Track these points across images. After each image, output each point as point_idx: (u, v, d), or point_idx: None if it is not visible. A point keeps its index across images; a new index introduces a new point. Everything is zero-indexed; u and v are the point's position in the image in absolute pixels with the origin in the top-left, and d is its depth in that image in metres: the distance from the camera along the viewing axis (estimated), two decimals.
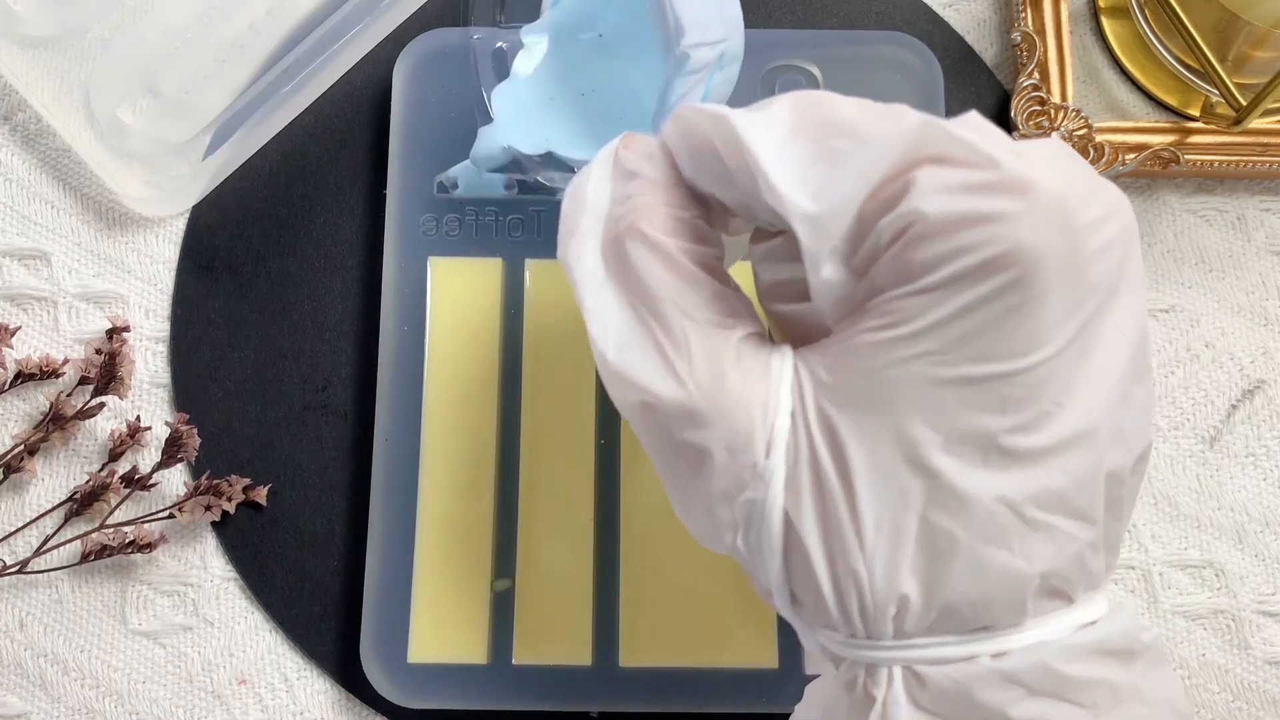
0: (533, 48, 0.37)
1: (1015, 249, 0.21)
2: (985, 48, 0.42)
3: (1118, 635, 0.23)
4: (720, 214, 0.26)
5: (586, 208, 0.26)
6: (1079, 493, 0.23)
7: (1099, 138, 0.40)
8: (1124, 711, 0.23)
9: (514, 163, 0.37)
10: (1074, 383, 0.22)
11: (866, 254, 0.22)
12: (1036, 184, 0.21)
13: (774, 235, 0.26)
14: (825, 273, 0.23)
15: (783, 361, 0.24)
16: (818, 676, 0.27)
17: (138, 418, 0.39)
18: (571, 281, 0.25)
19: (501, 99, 0.37)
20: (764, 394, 0.23)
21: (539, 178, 0.37)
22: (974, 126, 0.22)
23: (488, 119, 0.37)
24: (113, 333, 0.39)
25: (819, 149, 0.23)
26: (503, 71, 0.38)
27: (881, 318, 0.22)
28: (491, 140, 0.36)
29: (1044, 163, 0.22)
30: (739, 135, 0.23)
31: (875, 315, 0.22)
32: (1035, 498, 0.22)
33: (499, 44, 0.38)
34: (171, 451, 0.38)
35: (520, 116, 0.36)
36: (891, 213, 0.22)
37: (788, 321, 0.26)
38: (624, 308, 0.24)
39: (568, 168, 0.37)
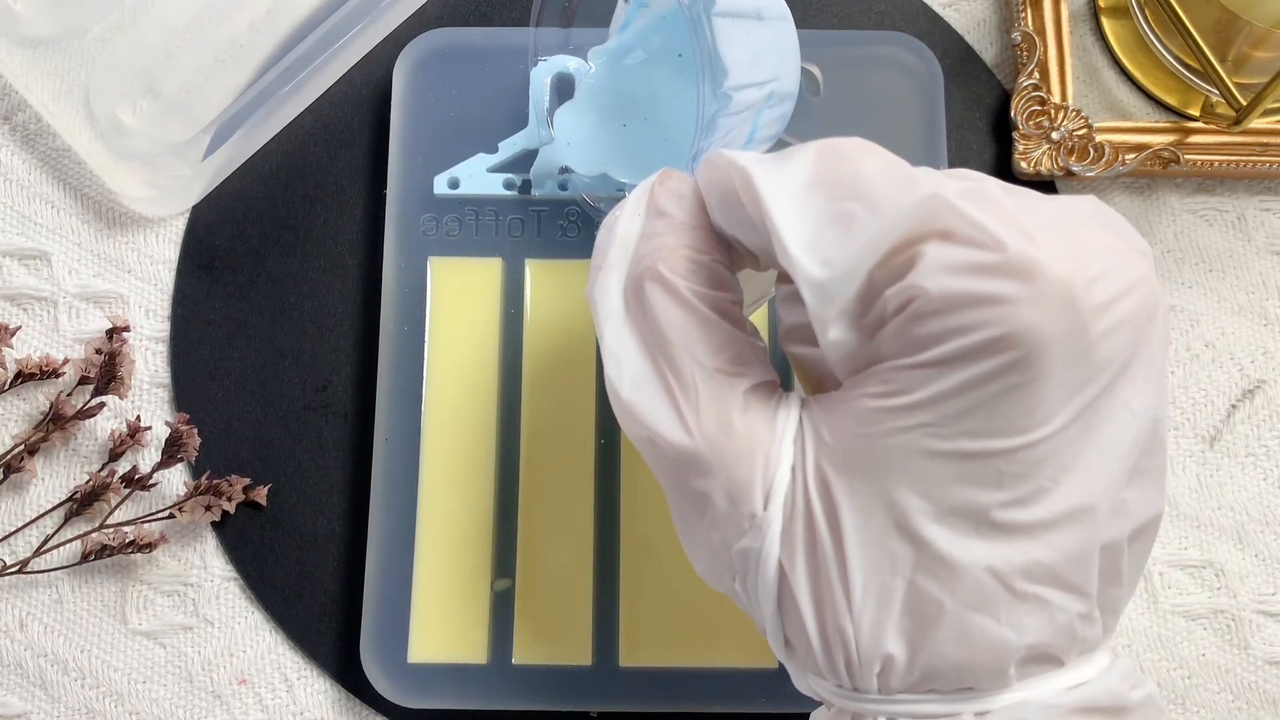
0: (598, 70, 0.37)
1: (1016, 332, 0.21)
2: (985, 48, 0.42)
3: (1104, 694, 0.24)
4: (748, 256, 0.26)
5: (616, 242, 0.26)
6: (1071, 566, 0.23)
7: (1099, 138, 0.40)
8: None
9: (569, 182, 0.38)
10: (1075, 459, 0.22)
11: (875, 318, 0.22)
12: (1041, 268, 0.21)
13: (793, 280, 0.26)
14: (831, 334, 0.23)
15: (788, 414, 0.24)
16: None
17: (138, 418, 0.39)
18: (593, 314, 0.26)
19: (563, 120, 0.37)
20: (767, 446, 0.24)
21: (585, 196, 0.38)
22: (989, 197, 0.22)
23: (548, 136, 0.38)
24: (113, 333, 0.39)
25: (833, 210, 0.23)
26: (565, 93, 0.38)
27: (883, 385, 0.22)
28: (549, 160, 0.37)
29: (1055, 242, 0.21)
30: (758, 191, 0.23)
31: (877, 382, 0.22)
32: (1025, 570, 0.22)
33: (564, 66, 0.38)
34: (171, 451, 0.38)
35: (580, 138, 0.37)
36: (897, 284, 0.22)
37: (804, 364, 0.26)
38: (639, 347, 0.25)
39: (620, 191, 0.37)
